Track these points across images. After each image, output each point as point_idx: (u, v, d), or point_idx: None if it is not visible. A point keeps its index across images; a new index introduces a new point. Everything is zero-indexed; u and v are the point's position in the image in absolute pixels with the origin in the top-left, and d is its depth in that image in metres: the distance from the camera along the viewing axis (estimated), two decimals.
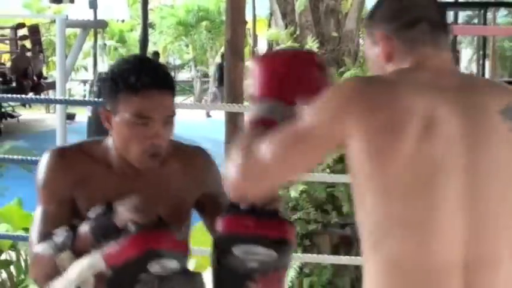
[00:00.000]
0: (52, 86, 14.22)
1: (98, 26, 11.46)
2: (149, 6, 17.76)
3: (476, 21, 17.39)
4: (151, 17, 20.17)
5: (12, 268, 4.41)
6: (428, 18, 1.45)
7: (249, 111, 1.58)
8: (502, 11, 18.50)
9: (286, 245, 1.58)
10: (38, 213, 1.71)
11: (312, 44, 4.68)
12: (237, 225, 1.56)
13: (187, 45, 21.61)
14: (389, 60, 1.46)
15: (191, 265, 1.94)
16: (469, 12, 18.60)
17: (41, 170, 1.72)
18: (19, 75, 16.22)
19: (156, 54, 16.29)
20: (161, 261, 1.50)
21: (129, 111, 1.60)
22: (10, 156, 4.37)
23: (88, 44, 17.25)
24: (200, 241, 4.23)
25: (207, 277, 1.65)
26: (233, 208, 1.56)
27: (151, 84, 1.59)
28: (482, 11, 11.11)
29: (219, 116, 11.89)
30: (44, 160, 1.73)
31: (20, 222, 4.37)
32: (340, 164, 4.57)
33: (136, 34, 20.02)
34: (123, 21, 23.05)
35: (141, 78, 1.58)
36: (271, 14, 5.02)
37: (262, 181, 1.42)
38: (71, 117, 10.71)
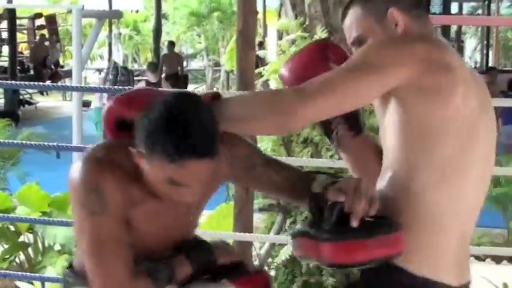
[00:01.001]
0: (68, 74, 14.35)
1: (113, 16, 11.51)
2: None
3: (480, 12, 17.36)
4: (165, 8, 20.31)
5: (30, 250, 4.47)
6: (422, 3, 1.69)
7: None
8: (505, 2, 18.46)
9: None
10: (101, 237, 1.48)
11: (320, 33, 4.76)
12: (349, 252, 1.41)
13: (199, 35, 21.68)
14: None
15: None
16: (473, 4, 18.55)
17: (87, 184, 1.47)
18: (38, 64, 16.40)
19: (172, 44, 16.21)
20: None
21: (162, 174, 1.43)
22: (29, 142, 4.39)
23: (103, 33, 17.38)
24: (211, 226, 4.37)
25: None
26: (337, 228, 1.42)
27: (190, 155, 1.39)
28: (486, 2, 11.12)
29: None
30: (88, 171, 1.48)
31: (39, 204, 4.39)
32: None
33: (150, 24, 20.13)
34: (137, 11, 23.18)
35: (180, 149, 1.39)
36: (281, 5, 5.10)
37: (318, 101, 1.47)
38: (86, 104, 10.82)
